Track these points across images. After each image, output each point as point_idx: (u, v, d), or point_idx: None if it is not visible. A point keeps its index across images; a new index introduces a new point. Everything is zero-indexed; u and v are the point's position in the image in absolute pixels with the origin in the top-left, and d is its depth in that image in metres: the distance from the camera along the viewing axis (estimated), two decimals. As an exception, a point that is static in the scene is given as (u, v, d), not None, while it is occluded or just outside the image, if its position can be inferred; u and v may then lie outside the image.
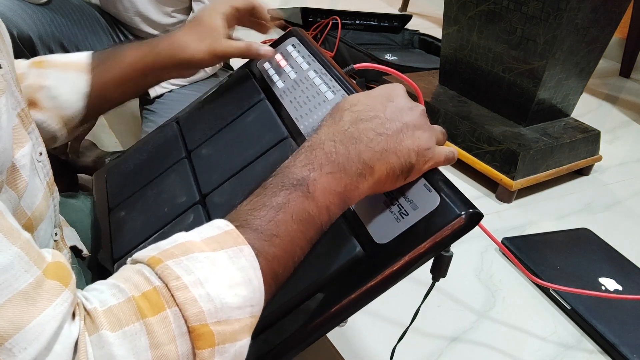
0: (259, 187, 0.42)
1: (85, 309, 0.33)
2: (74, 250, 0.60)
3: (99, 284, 0.35)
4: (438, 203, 0.43)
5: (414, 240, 0.43)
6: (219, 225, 0.39)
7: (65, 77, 0.64)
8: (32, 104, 0.61)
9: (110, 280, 0.35)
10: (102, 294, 0.34)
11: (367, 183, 0.42)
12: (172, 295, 0.33)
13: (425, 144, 0.44)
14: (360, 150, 0.42)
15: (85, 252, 0.61)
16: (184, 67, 0.66)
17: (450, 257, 0.47)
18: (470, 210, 0.42)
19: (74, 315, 0.32)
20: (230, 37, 0.67)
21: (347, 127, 0.43)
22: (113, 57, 0.67)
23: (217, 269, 0.35)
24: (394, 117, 0.44)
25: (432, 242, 0.42)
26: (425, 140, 0.44)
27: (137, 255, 0.37)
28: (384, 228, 0.45)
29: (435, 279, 0.49)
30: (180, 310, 0.33)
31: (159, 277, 0.34)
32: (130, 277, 0.35)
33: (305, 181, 0.40)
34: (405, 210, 0.44)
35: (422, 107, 0.47)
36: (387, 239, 0.44)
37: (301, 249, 0.41)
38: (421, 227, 0.43)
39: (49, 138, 0.64)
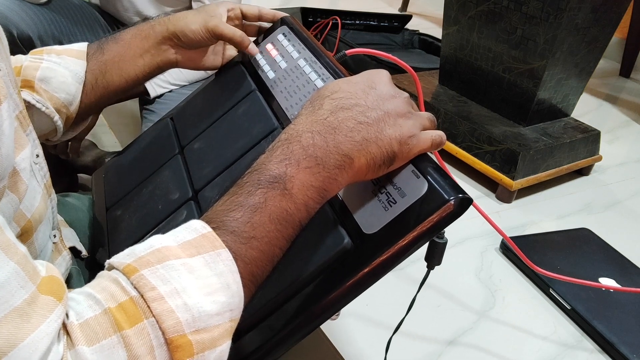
0: (235, 185, 0.41)
1: (63, 323, 0.32)
2: (73, 251, 0.60)
3: (76, 293, 0.35)
4: (426, 189, 0.42)
5: (402, 229, 0.41)
6: (196, 228, 0.38)
7: (60, 61, 0.63)
8: (27, 85, 0.60)
9: (86, 289, 0.35)
10: (78, 305, 0.33)
11: (347, 174, 0.41)
12: (149, 307, 0.33)
13: (408, 132, 0.42)
14: (339, 141, 0.40)
15: (84, 252, 0.61)
16: (179, 40, 0.66)
17: (444, 244, 0.45)
18: (460, 195, 0.40)
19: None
20: None
21: (327, 116, 0.42)
22: (112, 38, 0.67)
23: (194, 277, 0.35)
24: (375, 105, 0.43)
25: (421, 230, 0.41)
26: (408, 128, 0.43)
27: (113, 260, 0.36)
28: (372, 217, 0.44)
29: (430, 266, 0.47)
30: (157, 321, 0.33)
31: (135, 287, 0.34)
32: (106, 286, 0.34)
33: (283, 178, 0.39)
34: (393, 197, 0.43)
35: (405, 94, 0.45)
36: (375, 229, 0.43)
37: (280, 249, 0.40)
38: (410, 214, 0.42)
39: (49, 131, 0.63)
